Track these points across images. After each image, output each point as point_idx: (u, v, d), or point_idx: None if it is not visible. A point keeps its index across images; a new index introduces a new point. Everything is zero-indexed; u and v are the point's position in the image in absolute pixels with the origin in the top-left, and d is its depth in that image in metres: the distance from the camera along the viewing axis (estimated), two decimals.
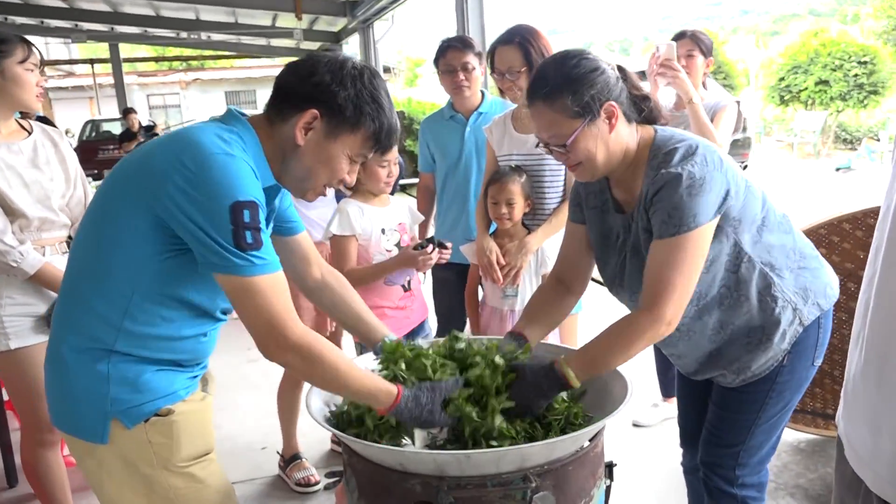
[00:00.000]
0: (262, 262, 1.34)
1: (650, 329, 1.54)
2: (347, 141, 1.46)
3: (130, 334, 1.40)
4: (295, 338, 1.37)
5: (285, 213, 1.69)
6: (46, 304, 2.25)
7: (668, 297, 1.52)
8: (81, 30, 14.66)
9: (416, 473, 1.42)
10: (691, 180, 1.51)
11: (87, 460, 1.48)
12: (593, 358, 1.59)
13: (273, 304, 1.35)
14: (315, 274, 1.78)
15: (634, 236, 1.67)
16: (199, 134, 1.37)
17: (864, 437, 1.16)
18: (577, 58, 1.57)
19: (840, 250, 2.83)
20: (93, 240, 1.43)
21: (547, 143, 1.63)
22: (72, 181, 2.37)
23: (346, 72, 1.44)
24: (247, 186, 1.33)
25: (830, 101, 16.87)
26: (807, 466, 2.97)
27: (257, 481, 3.07)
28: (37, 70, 2.25)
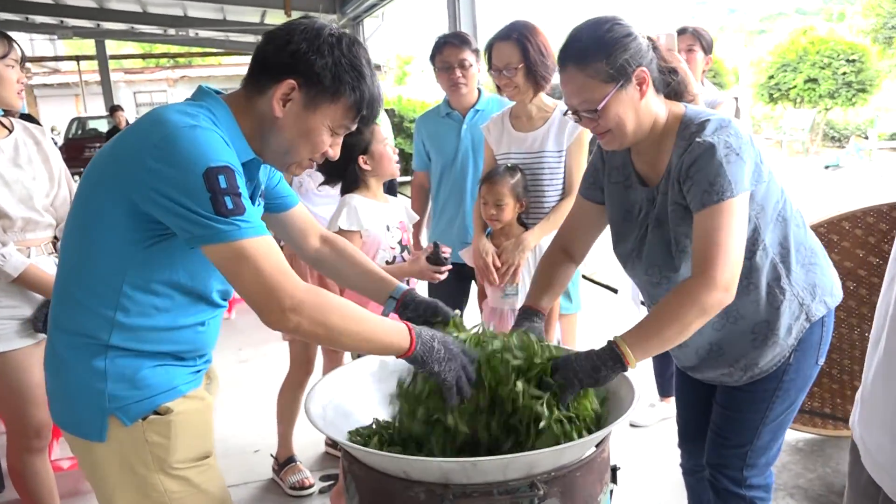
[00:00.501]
0: (247, 226, 1.27)
1: (705, 294, 1.45)
2: (328, 112, 1.40)
3: (125, 328, 1.36)
4: (298, 297, 1.28)
5: (276, 189, 1.64)
6: (32, 306, 2.19)
7: (722, 259, 1.46)
8: (67, 26, 14.52)
9: (420, 481, 1.38)
10: (728, 149, 1.50)
11: (85, 459, 1.45)
12: (648, 333, 1.50)
13: (267, 267, 1.27)
14: (314, 243, 1.74)
15: (660, 208, 1.66)
16: (165, 112, 1.32)
17: (882, 443, 1.13)
18: (610, 22, 1.55)
19: (839, 248, 2.82)
20: (76, 236, 1.39)
21: (576, 109, 1.60)
22: (56, 180, 2.30)
23: (323, 39, 1.37)
24: (217, 152, 1.27)
25: (819, 99, 16.97)
26: (805, 466, 2.95)
27: (251, 485, 3.02)
28: (18, 66, 2.18)
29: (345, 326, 1.34)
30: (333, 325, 1.32)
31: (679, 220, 1.61)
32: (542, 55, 2.49)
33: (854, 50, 17.09)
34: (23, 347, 2.17)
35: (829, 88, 16.80)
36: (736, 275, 1.49)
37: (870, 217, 2.81)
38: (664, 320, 1.49)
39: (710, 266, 1.46)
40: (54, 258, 2.28)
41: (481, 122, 2.86)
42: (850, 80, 16.72)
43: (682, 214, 1.60)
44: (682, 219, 1.61)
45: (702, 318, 1.49)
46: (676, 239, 1.64)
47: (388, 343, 1.39)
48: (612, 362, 1.48)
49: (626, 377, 1.62)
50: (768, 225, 1.64)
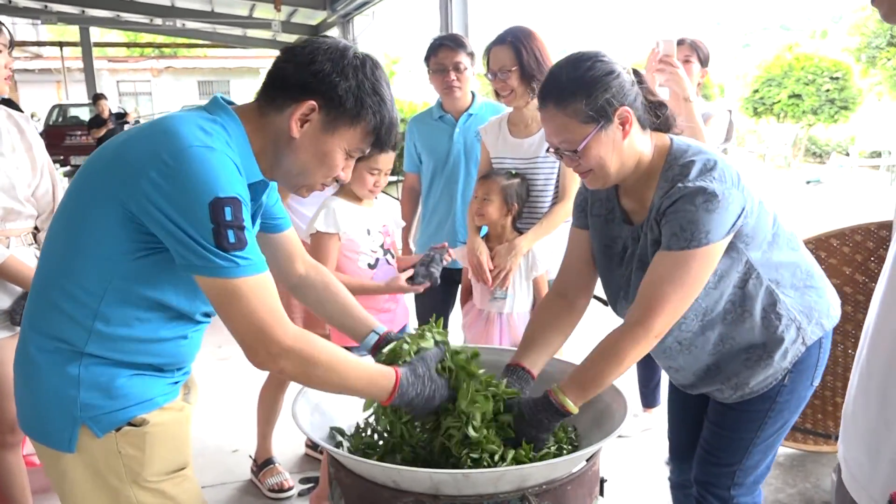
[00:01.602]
0: (246, 263, 1.23)
1: (640, 343, 1.50)
2: (346, 135, 1.37)
3: (102, 336, 1.30)
4: (287, 343, 1.27)
5: (272, 210, 1.60)
6: (10, 298, 2.13)
7: (661, 312, 1.49)
8: (51, 11, 14.29)
9: (409, 491, 1.36)
10: (709, 196, 1.46)
11: (53, 469, 1.38)
12: (588, 380, 1.54)
13: (260, 309, 1.24)
14: (299, 270, 1.70)
15: (642, 249, 1.62)
16: (179, 124, 1.26)
17: (861, 460, 1.13)
18: (591, 60, 1.50)
19: (826, 265, 2.83)
20: (63, 235, 1.33)
21: (557, 148, 1.56)
22: (38, 170, 2.24)
23: (347, 61, 1.34)
24: (228, 182, 1.22)
25: (802, 115, 17.18)
26: (785, 481, 2.96)
27: (228, 486, 2.97)
28: (6, 51, 2.12)
29: (328, 378, 1.35)
30: (318, 376, 1.33)
31: None
32: (538, 60, 2.48)
33: (838, 67, 17.33)
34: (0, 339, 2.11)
35: (813, 105, 17.02)
36: (670, 324, 1.52)
37: (857, 235, 2.84)
38: (604, 367, 1.53)
39: (649, 316, 1.49)
40: (34, 249, 2.23)
41: (474, 127, 2.84)
42: (833, 97, 16.95)
43: None
44: None
45: (634, 360, 1.55)
46: None
47: (368, 394, 1.43)
48: (553, 413, 1.52)
49: (620, 391, 1.62)
50: (760, 253, 1.61)
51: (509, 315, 2.55)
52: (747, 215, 1.53)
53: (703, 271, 1.50)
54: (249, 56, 24.80)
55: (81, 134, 14.11)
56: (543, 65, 2.48)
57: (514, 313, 2.55)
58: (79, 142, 14.75)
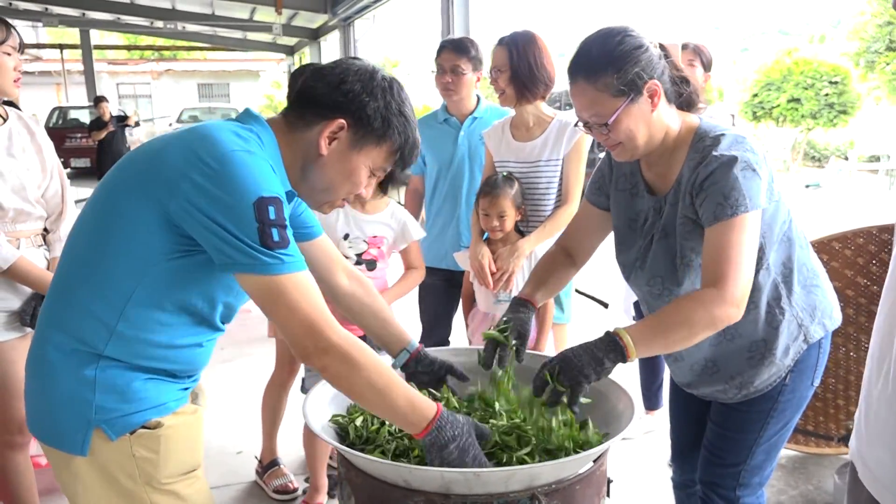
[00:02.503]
0: (290, 260, 1.27)
1: (718, 307, 1.44)
2: (372, 153, 1.42)
3: (123, 338, 1.31)
4: (335, 339, 1.28)
5: (300, 219, 1.61)
6: (20, 299, 2.14)
7: (734, 276, 1.45)
8: (52, 14, 14.31)
9: (420, 490, 1.36)
10: (745, 163, 1.49)
11: (63, 472, 1.38)
12: (655, 332, 1.48)
13: (308, 304, 1.27)
14: (342, 281, 1.71)
15: (667, 219, 1.64)
16: (216, 131, 1.31)
17: (884, 461, 1.14)
18: (621, 34, 1.53)
19: (828, 268, 2.84)
20: (94, 236, 1.34)
21: (587, 122, 1.58)
22: (48, 171, 2.26)
23: (376, 82, 1.40)
24: (269, 182, 1.27)
25: (801, 119, 17.22)
26: (788, 483, 2.98)
27: (233, 487, 2.98)
28: (16, 53, 2.13)
29: (370, 387, 1.32)
30: (359, 381, 1.31)
31: (687, 234, 1.60)
32: (531, 65, 2.50)
33: (837, 72, 17.36)
34: (9, 340, 2.12)
35: (812, 109, 17.05)
36: (747, 292, 1.48)
37: (860, 238, 2.85)
38: (673, 323, 1.47)
39: (723, 281, 1.45)
40: (44, 250, 2.24)
41: (479, 130, 2.86)
42: (832, 101, 16.98)
43: (690, 228, 1.59)
44: (689, 232, 1.60)
45: (709, 330, 1.48)
46: (682, 252, 1.63)
47: (405, 420, 1.36)
48: (614, 354, 1.45)
49: (627, 392, 1.63)
50: (773, 244, 1.64)
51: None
52: (772, 192, 1.57)
53: (754, 235, 1.50)
54: (250, 59, 24.85)
55: (81, 136, 14.13)
56: (536, 70, 2.51)
57: None
58: (79, 144, 14.76)
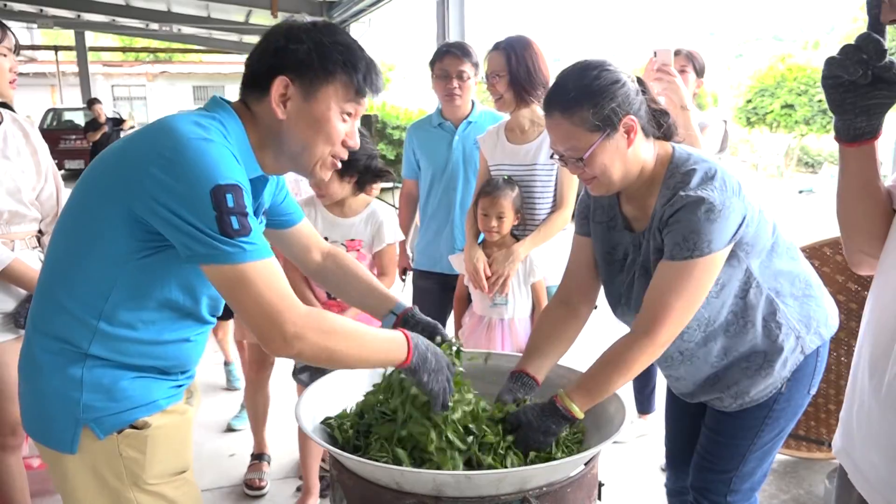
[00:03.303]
0: (252, 248, 1.24)
1: (645, 353, 1.54)
2: (328, 94, 1.35)
3: (107, 337, 1.31)
4: (300, 324, 1.26)
5: (282, 207, 1.62)
6: (14, 301, 2.14)
7: (665, 321, 1.52)
8: (47, 15, 14.27)
9: (411, 493, 1.38)
10: (710, 205, 1.48)
11: (55, 470, 1.39)
12: (594, 387, 1.57)
13: (269, 292, 1.25)
14: (316, 257, 1.74)
15: (644, 256, 1.64)
16: (176, 121, 1.28)
17: (876, 463, 1.15)
18: (598, 69, 1.53)
19: (820, 274, 2.82)
20: (68, 237, 1.34)
21: (562, 155, 1.58)
22: (43, 174, 2.26)
23: (297, 28, 1.36)
24: (227, 170, 1.23)
25: (795, 125, 17.29)
26: (779, 487, 2.99)
27: (225, 489, 2.97)
28: (11, 55, 2.13)
29: (346, 349, 1.34)
30: (336, 348, 1.33)
31: None
32: (528, 70, 2.52)
33: None
34: (3, 342, 2.12)
35: (805, 115, 17.12)
36: (676, 334, 1.56)
37: None
38: (611, 374, 1.56)
39: (654, 327, 1.52)
40: (39, 252, 2.24)
41: (473, 134, 2.87)
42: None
43: None
44: None
45: (640, 369, 1.58)
46: None
47: (387, 358, 1.43)
48: (560, 419, 1.55)
49: (618, 396, 1.64)
50: (760, 262, 1.63)
51: (510, 320, 2.57)
52: (748, 224, 1.55)
53: (706, 280, 1.52)
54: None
55: (76, 138, 14.10)
56: (534, 74, 2.52)
57: (514, 318, 2.58)
58: (73, 146, 14.72)
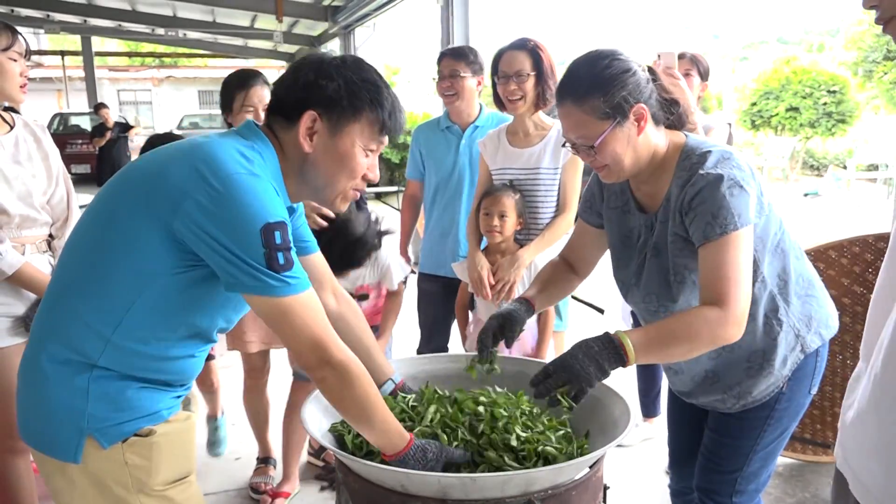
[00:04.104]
0: (296, 282, 1.30)
1: (721, 327, 1.46)
2: (354, 131, 1.40)
3: (118, 349, 1.32)
4: (337, 356, 1.34)
5: (298, 233, 1.62)
6: (24, 304, 2.16)
7: (735, 294, 1.46)
8: (54, 21, 14.36)
9: (417, 496, 1.38)
10: (732, 181, 1.50)
11: (55, 478, 1.39)
12: (655, 338, 1.50)
13: (313, 323, 1.32)
14: (330, 302, 1.70)
15: (658, 236, 1.66)
16: (219, 149, 1.31)
17: (874, 471, 1.15)
18: (609, 58, 1.55)
19: (825, 277, 2.87)
20: (92, 248, 1.34)
21: (574, 143, 1.61)
22: (54, 178, 2.28)
23: (327, 64, 1.40)
24: (275, 207, 1.28)
25: (800, 128, 17.24)
26: (785, 491, 2.99)
27: (230, 493, 2.98)
28: (22, 59, 2.15)
29: (357, 405, 1.39)
30: (350, 398, 1.38)
31: (678, 251, 1.62)
32: (552, 68, 2.54)
33: (835, 81, 17.39)
34: (12, 345, 2.13)
35: (810, 118, 17.08)
36: (747, 310, 1.49)
37: (856, 247, 2.87)
38: (675, 336, 1.49)
39: (725, 301, 1.46)
40: (49, 256, 2.26)
41: (480, 138, 2.87)
42: (830, 110, 17.01)
43: (681, 245, 1.61)
44: (681, 250, 1.61)
45: (709, 348, 1.52)
46: (675, 269, 1.64)
47: (379, 440, 1.43)
48: (616, 360, 1.48)
49: (623, 399, 1.64)
50: (767, 257, 1.65)
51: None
52: (762, 206, 1.58)
53: (748, 251, 1.51)
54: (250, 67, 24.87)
55: (82, 142, 14.15)
56: (555, 74, 2.54)
57: None
58: (79, 150, 14.78)
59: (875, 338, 1.17)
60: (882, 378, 1.15)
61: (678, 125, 1.67)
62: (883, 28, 1.12)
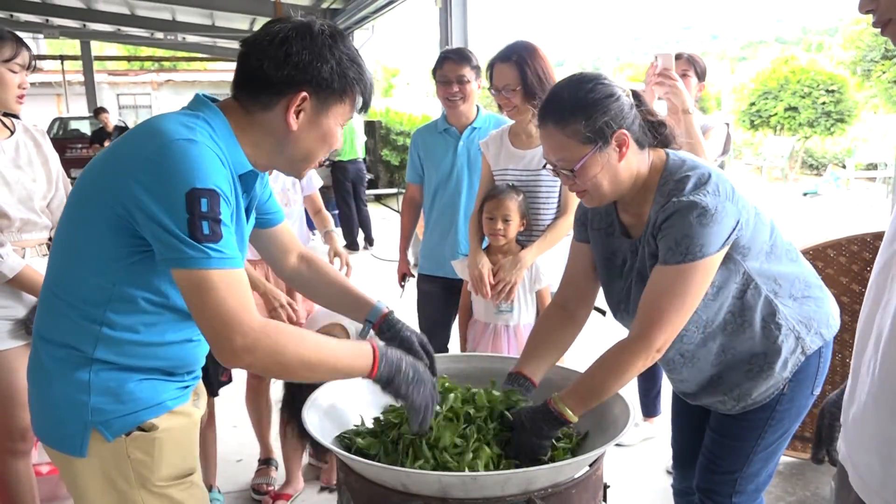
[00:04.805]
0: (218, 256, 1.22)
1: (641, 358, 1.54)
2: (338, 110, 1.40)
3: (110, 342, 1.32)
4: (251, 336, 1.23)
5: (266, 205, 1.63)
6: (26, 307, 2.17)
7: (661, 326, 1.52)
8: (53, 25, 14.37)
9: (417, 494, 1.39)
10: (703, 210, 1.49)
11: (66, 473, 1.41)
12: (588, 391, 1.58)
13: (226, 301, 1.22)
14: (292, 261, 1.74)
15: (641, 262, 1.66)
16: (163, 122, 1.28)
17: (873, 465, 1.15)
18: (592, 82, 1.55)
19: (823, 276, 2.85)
20: (64, 245, 1.36)
21: (554, 165, 1.61)
22: (53, 182, 2.30)
23: (321, 43, 1.34)
24: (207, 173, 1.22)
25: (799, 128, 17.27)
26: (785, 489, 2.99)
27: (232, 494, 2.99)
28: (23, 71, 2.18)
29: (300, 361, 1.31)
30: (288, 361, 1.30)
31: None
32: (540, 78, 2.51)
33: (834, 81, 17.43)
34: (13, 348, 2.15)
35: (809, 117, 17.12)
36: (671, 338, 1.55)
37: (854, 245, 2.88)
38: (605, 379, 1.57)
39: (650, 332, 1.53)
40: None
41: (478, 140, 2.87)
42: (829, 109, 17.05)
43: None
44: None
45: (636, 373, 1.58)
46: None
47: (350, 370, 1.40)
48: (553, 422, 1.55)
49: (623, 397, 1.65)
50: (758, 263, 1.64)
51: (516, 327, 2.58)
52: (742, 227, 1.56)
53: (701, 284, 1.53)
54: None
55: (82, 147, 14.15)
56: (546, 82, 2.51)
57: (520, 325, 2.58)
58: (79, 155, 14.78)
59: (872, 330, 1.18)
60: (880, 374, 1.16)
61: (665, 145, 1.67)
62: (881, 31, 1.12)
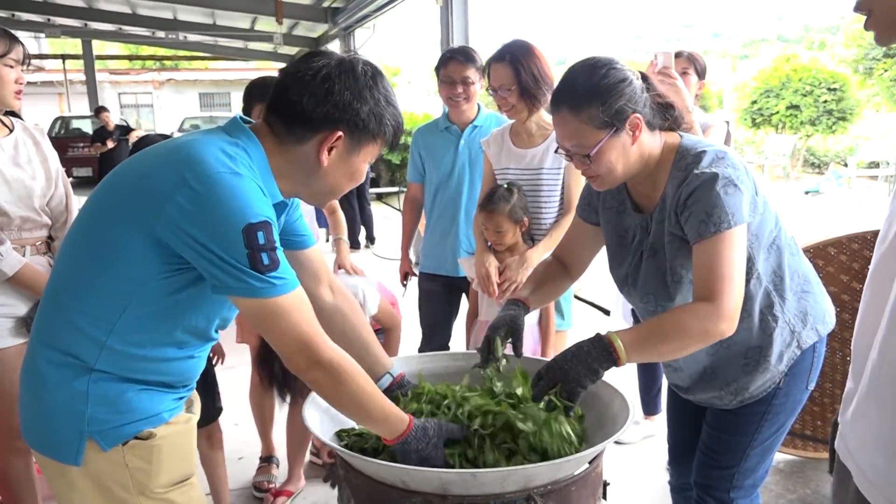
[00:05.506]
0: (282, 283, 1.28)
1: (712, 322, 1.46)
2: (370, 150, 1.44)
3: (114, 353, 1.32)
4: (327, 355, 1.34)
5: (294, 226, 1.61)
6: (26, 305, 2.17)
7: (727, 290, 1.47)
8: (54, 24, 14.37)
9: (417, 492, 1.39)
10: (727, 179, 1.51)
11: (57, 481, 1.39)
12: (646, 337, 1.51)
13: (300, 323, 1.31)
14: (326, 295, 1.70)
15: (655, 236, 1.66)
16: (202, 148, 1.28)
17: (875, 461, 1.15)
18: (606, 67, 1.55)
19: (824, 273, 2.87)
20: (81, 252, 1.34)
21: (569, 151, 1.61)
22: (53, 180, 2.30)
23: (363, 84, 1.37)
24: (257, 206, 1.26)
25: (800, 126, 17.25)
26: (786, 487, 2.99)
27: (233, 493, 2.98)
28: (18, 67, 2.16)
29: (352, 399, 1.40)
30: (345, 392, 1.38)
31: (675, 251, 1.63)
32: (536, 77, 2.51)
33: (835, 79, 17.39)
34: (14, 346, 2.15)
35: (811, 115, 17.08)
36: (739, 306, 1.50)
37: (854, 243, 2.88)
38: (666, 334, 1.50)
39: (716, 296, 1.47)
40: (48, 258, 2.27)
41: (479, 138, 2.88)
42: (830, 108, 17.02)
43: (678, 245, 1.61)
44: (678, 249, 1.62)
45: (701, 344, 1.52)
46: (672, 269, 1.65)
47: (376, 427, 1.46)
48: (607, 362, 1.49)
49: (622, 395, 1.65)
50: (762, 254, 1.65)
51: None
52: (756, 205, 1.58)
53: (741, 249, 1.52)
54: (251, 68, 24.89)
55: (83, 146, 14.19)
56: (541, 81, 2.51)
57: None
58: (81, 153, 14.83)
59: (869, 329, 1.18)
60: (880, 369, 1.16)
61: (674, 126, 1.68)
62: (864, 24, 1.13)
